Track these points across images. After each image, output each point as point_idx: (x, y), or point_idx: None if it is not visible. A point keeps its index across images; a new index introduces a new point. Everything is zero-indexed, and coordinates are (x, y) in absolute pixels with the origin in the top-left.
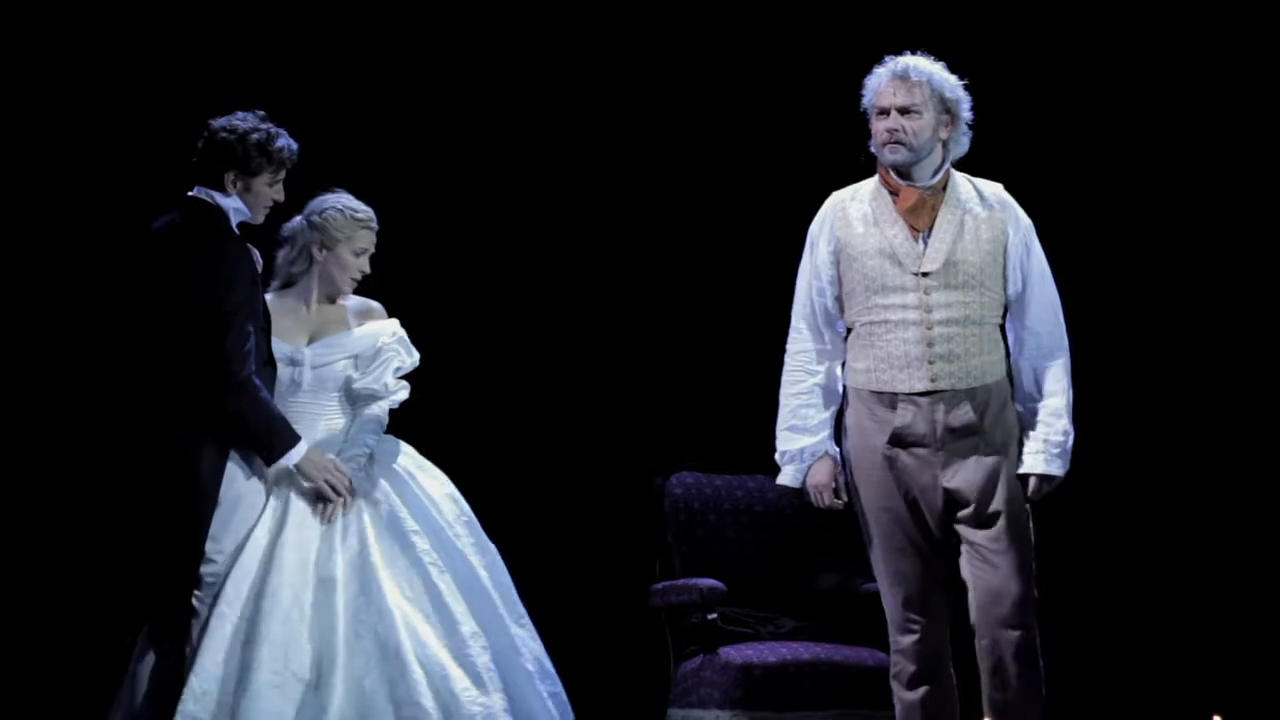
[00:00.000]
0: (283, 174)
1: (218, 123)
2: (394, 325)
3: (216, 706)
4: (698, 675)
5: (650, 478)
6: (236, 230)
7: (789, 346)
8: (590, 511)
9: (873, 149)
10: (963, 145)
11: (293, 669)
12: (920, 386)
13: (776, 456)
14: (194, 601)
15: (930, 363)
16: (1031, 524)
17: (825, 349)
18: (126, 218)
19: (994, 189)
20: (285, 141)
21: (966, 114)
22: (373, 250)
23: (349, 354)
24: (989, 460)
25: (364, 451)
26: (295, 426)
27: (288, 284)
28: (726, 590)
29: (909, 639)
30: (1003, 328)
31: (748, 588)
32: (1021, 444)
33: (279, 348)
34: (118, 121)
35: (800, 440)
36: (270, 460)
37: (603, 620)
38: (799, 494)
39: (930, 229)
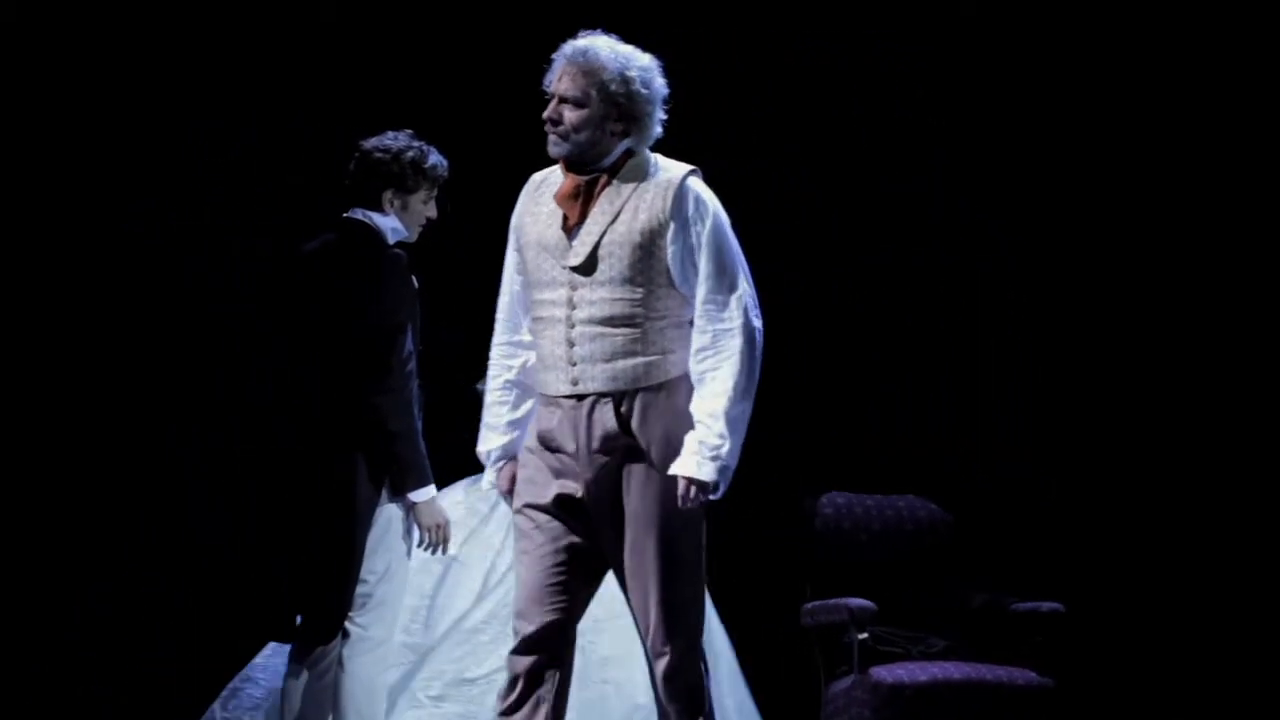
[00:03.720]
0: (436, 191)
1: (370, 143)
2: None
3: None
4: (848, 695)
5: (801, 498)
6: (394, 249)
7: (493, 339)
8: (741, 532)
9: None
10: (651, 133)
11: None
12: (564, 390)
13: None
14: (348, 623)
15: (572, 364)
16: (695, 536)
17: (521, 341)
18: (290, 239)
19: (672, 173)
20: (438, 158)
21: (651, 104)
22: None
23: None
24: (637, 469)
25: None
26: None
27: None
28: (877, 610)
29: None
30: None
31: (898, 607)
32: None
33: None
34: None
35: (490, 440)
36: (397, 490)
37: (753, 640)
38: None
39: (583, 220)
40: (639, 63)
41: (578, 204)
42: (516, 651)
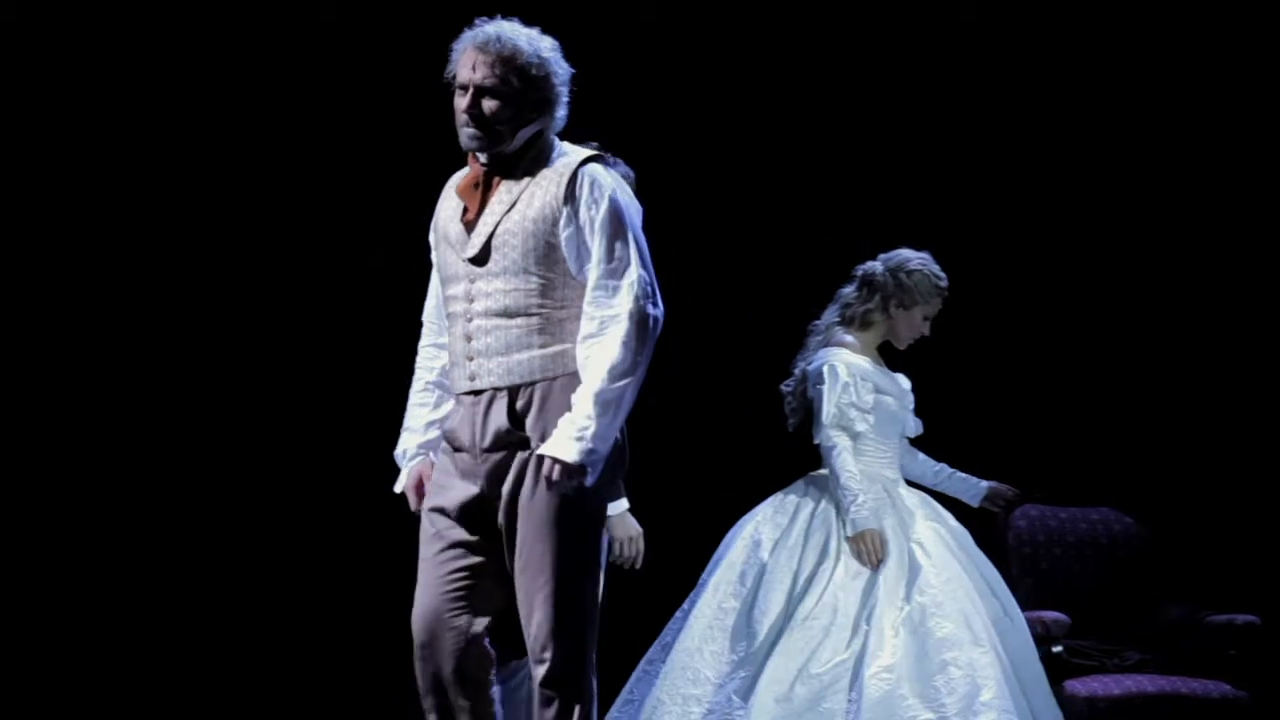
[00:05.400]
0: None
1: None
2: None
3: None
4: None
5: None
6: None
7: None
8: None
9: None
10: (557, 120)
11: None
12: (464, 386)
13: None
14: None
15: (469, 359)
16: (591, 540)
17: (444, 343)
18: None
19: (571, 159)
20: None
21: (563, 86)
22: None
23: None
24: (531, 467)
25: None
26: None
27: (853, 323)
28: (1071, 623)
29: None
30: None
31: (1092, 620)
32: None
33: (891, 385)
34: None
35: (405, 440)
36: None
37: None
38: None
39: (482, 210)
40: (548, 44)
41: (478, 194)
42: (417, 658)
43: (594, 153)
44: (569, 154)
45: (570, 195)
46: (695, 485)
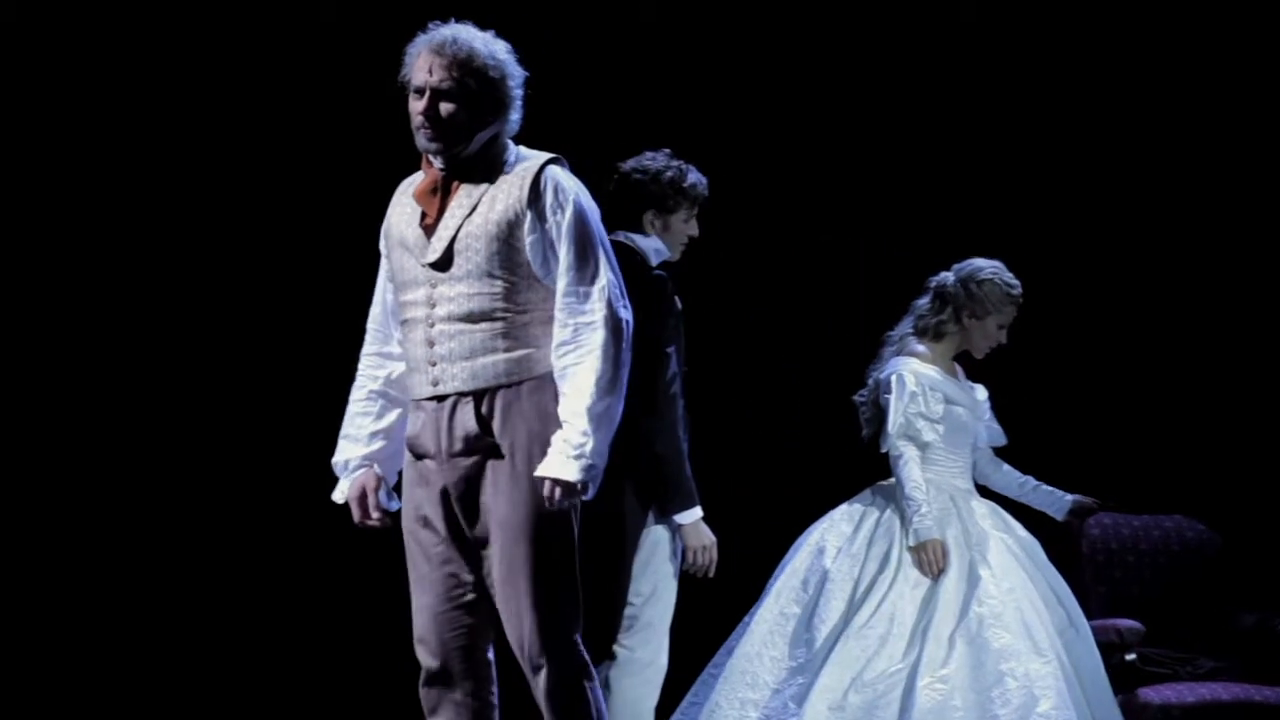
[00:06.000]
0: (697, 209)
1: (628, 165)
2: None
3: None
4: None
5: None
6: (657, 270)
7: (361, 349)
8: None
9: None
10: (512, 123)
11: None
12: (426, 391)
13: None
14: (615, 645)
15: (432, 364)
16: (566, 541)
17: (391, 353)
18: None
19: (531, 162)
20: (697, 177)
21: (518, 89)
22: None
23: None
24: (501, 472)
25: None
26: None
27: (926, 334)
28: (1145, 630)
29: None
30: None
31: (1166, 628)
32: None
33: (963, 395)
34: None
35: (347, 449)
36: (664, 512)
37: None
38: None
39: (441, 214)
40: (503, 47)
41: (436, 199)
42: (425, 684)
43: (554, 156)
44: (528, 157)
45: (534, 198)
46: (771, 493)
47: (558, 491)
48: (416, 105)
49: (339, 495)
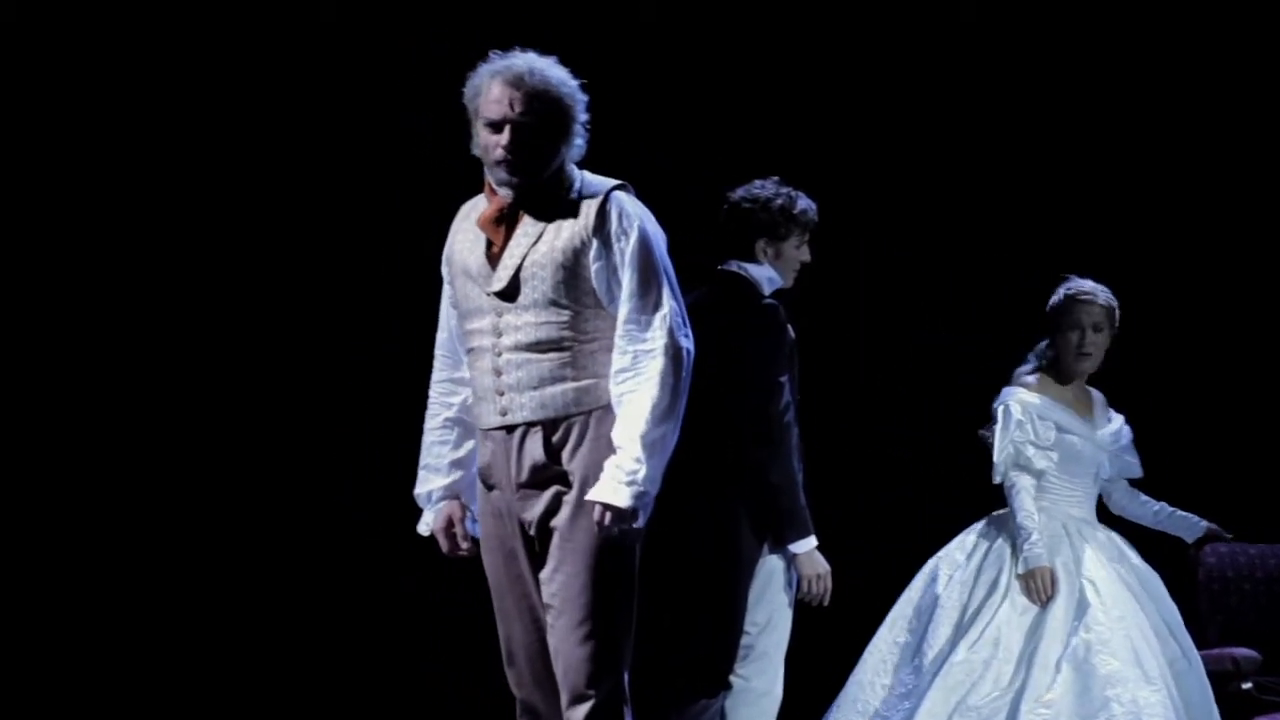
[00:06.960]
0: (808, 235)
1: (738, 193)
2: None
3: None
4: None
5: (1185, 548)
6: (769, 299)
7: (431, 376)
8: None
9: (476, 152)
10: (577, 149)
11: None
12: (494, 421)
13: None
14: (731, 675)
15: (500, 394)
16: (627, 573)
17: (461, 379)
18: None
19: (597, 189)
20: (807, 203)
21: (583, 115)
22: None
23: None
24: (568, 501)
25: None
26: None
27: (1042, 360)
28: (1261, 659)
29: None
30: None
31: None
32: None
33: (1079, 424)
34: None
35: (430, 480)
36: (779, 542)
37: None
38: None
39: (507, 243)
40: (568, 74)
41: (501, 228)
42: (520, 715)
43: (619, 182)
44: (592, 183)
45: (600, 225)
46: (889, 520)
47: (608, 516)
48: (494, 139)
49: (424, 527)
